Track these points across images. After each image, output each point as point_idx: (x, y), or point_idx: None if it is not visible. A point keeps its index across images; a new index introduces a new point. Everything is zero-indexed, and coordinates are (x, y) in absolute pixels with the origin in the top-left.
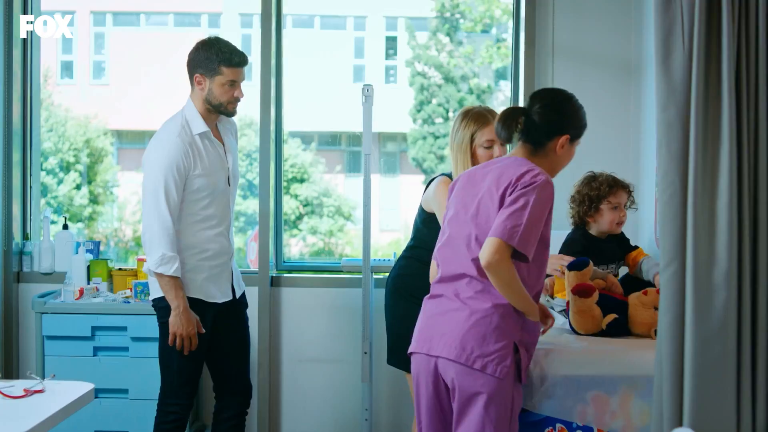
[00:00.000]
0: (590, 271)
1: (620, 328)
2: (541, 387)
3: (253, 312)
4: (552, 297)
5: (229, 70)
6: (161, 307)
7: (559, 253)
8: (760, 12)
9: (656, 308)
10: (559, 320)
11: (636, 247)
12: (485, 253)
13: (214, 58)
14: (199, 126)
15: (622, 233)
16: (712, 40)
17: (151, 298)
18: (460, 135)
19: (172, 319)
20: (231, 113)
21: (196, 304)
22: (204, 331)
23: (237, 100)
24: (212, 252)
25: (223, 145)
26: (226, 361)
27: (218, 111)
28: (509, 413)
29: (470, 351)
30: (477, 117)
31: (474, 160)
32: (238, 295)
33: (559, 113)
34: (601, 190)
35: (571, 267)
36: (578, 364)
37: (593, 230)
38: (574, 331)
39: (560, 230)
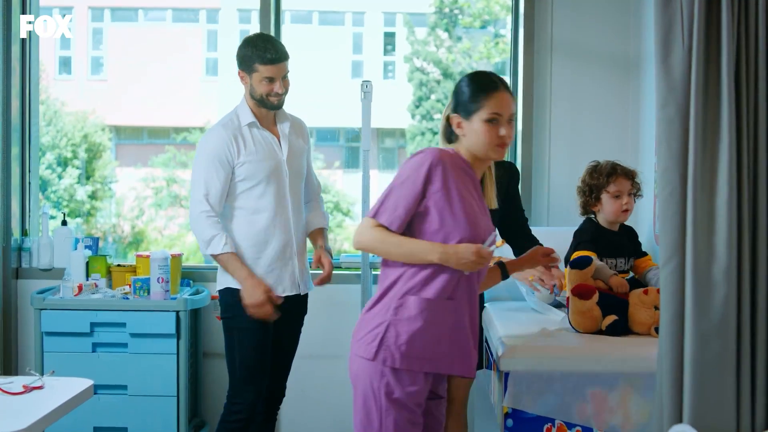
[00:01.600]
0: (592, 270)
1: (620, 329)
2: (539, 384)
3: None
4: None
5: (264, 67)
6: (223, 302)
7: (572, 241)
8: (759, 9)
9: (657, 308)
10: (559, 316)
11: (646, 254)
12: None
13: (250, 56)
14: (247, 117)
15: (634, 233)
16: (712, 37)
17: (217, 289)
18: None
19: (241, 292)
20: (273, 106)
21: None
22: (280, 301)
23: (276, 94)
24: (268, 243)
25: (278, 137)
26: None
27: (262, 104)
28: (379, 403)
29: (354, 337)
30: None
31: None
32: (302, 292)
33: (450, 98)
34: (600, 180)
35: (573, 265)
36: (577, 361)
37: (601, 220)
38: (573, 328)
39: (571, 226)
